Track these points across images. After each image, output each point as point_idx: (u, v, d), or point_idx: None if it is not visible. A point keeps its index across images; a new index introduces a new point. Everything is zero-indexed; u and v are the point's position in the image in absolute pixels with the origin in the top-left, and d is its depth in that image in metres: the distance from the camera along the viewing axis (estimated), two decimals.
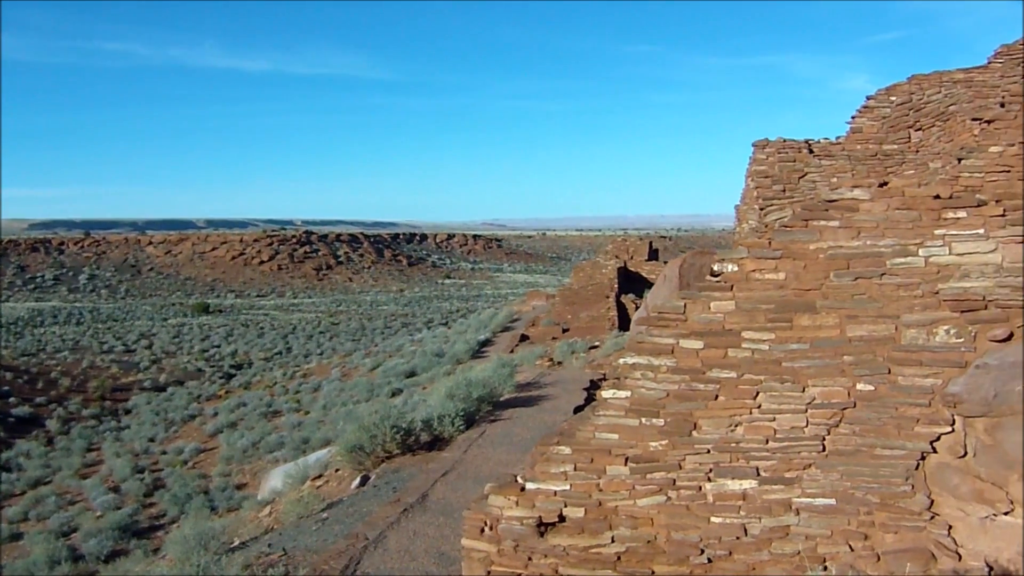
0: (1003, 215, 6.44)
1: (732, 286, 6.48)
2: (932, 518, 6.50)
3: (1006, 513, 6.55)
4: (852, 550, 6.56)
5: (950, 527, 6.54)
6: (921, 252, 6.42)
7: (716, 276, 6.52)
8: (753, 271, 6.46)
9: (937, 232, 6.42)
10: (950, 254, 6.44)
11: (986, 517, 6.59)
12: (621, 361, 6.63)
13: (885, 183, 6.31)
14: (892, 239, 6.41)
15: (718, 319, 6.47)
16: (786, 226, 6.53)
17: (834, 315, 6.43)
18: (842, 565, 6.58)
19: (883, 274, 6.42)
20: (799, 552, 6.58)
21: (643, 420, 6.58)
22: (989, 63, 10.47)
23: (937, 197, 6.41)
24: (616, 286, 31.47)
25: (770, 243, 6.47)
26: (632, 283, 31.59)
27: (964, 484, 6.55)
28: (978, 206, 6.42)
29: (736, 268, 6.47)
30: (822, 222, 6.46)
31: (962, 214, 6.42)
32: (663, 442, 6.56)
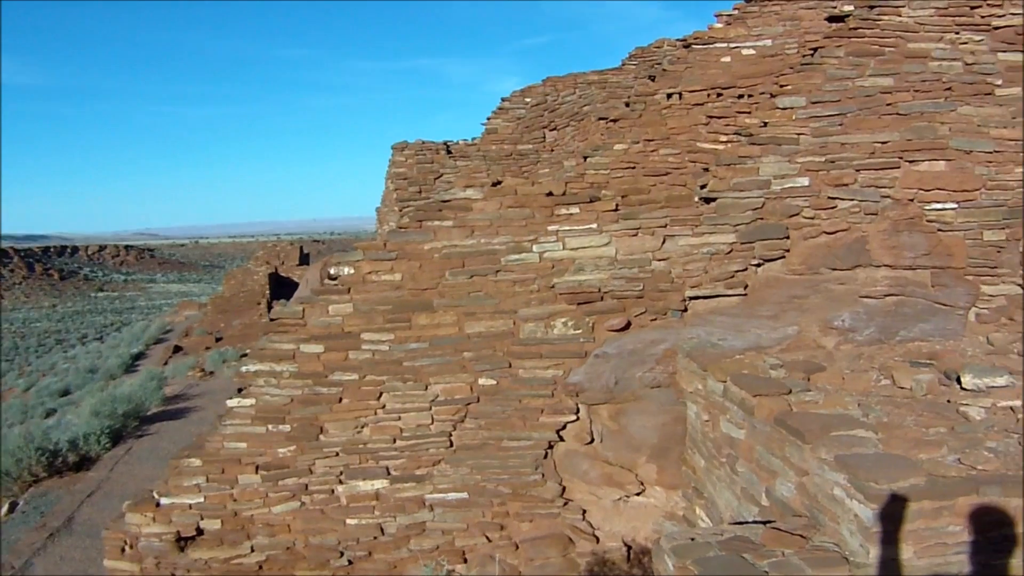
0: (616, 209, 6.24)
1: (349, 288, 6.18)
2: (566, 504, 6.40)
3: (637, 494, 6.55)
4: (490, 541, 6.38)
5: (584, 511, 6.49)
6: (535, 248, 6.27)
7: (334, 279, 6.10)
8: (370, 273, 6.14)
9: (550, 228, 6.24)
10: (564, 249, 6.28)
11: (619, 499, 6.52)
12: (243, 369, 6.21)
13: (499, 182, 5.99)
14: (506, 236, 6.21)
15: (337, 322, 6.17)
16: (401, 227, 6.19)
17: (452, 313, 6.19)
18: (482, 556, 6.30)
19: (498, 271, 6.24)
20: (437, 547, 6.30)
21: (270, 427, 6.28)
22: (623, 64, 10.41)
23: (550, 194, 6.21)
24: (268, 292, 30.36)
25: (385, 244, 6.18)
26: (284, 288, 30.41)
27: (593, 469, 6.43)
28: (590, 202, 6.24)
29: (353, 271, 6.16)
30: (436, 222, 6.17)
31: (575, 210, 6.25)
32: (291, 448, 6.24)
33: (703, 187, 6.54)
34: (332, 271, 6.37)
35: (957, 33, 6.72)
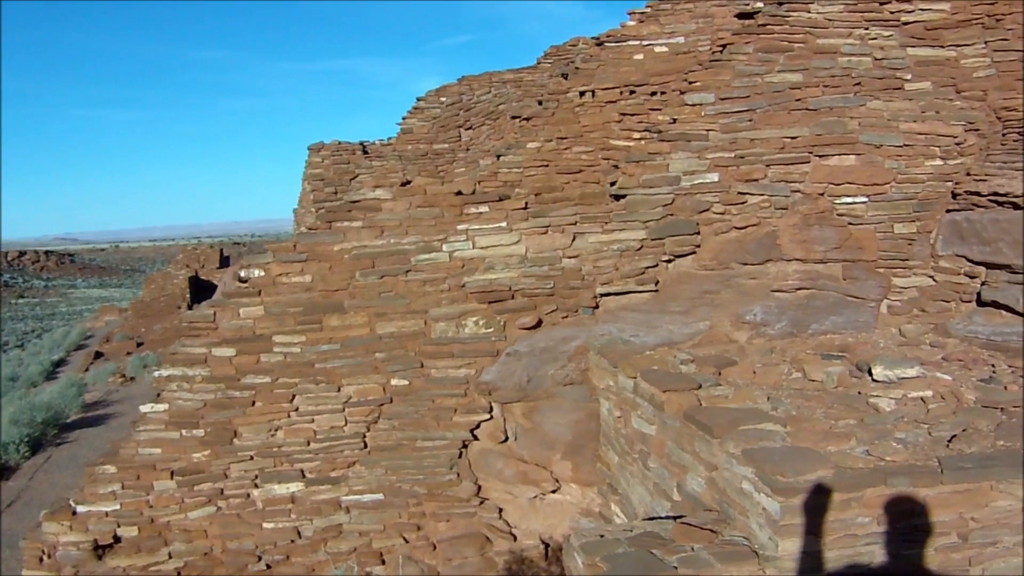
0: (525, 208, 6.19)
1: (260, 291, 6.15)
2: (482, 503, 6.41)
3: (553, 491, 6.55)
4: (407, 542, 6.35)
5: (501, 510, 6.51)
6: (445, 247, 6.28)
7: (244, 282, 6.05)
8: (280, 275, 6.13)
9: (460, 227, 6.25)
10: (474, 248, 6.30)
11: (535, 497, 6.51)
12: (156, 374, 6.15)
13: (408, 182, 5.94)
14: (416, 236, 6.20)
15: (248, 325, 6.16)
16: (311, 228, 6.12)
17: (363, 314, 6.18)
18: (400, 557, 6.21)
19: (408, 271, 6.22)
20: (355, 549, 6.24)
21: (183, 432, 6.25)
22: (539, 63, 10.40)
23: (459, 193, 6.19)
24: (188, 296, 29.69)
25: (295, 246, 6.15)
26: (205, 292, 29.44)
27: (508, 467, 6.43)
28: (499, 200, 6.20)
29: (263, 273, 6.15)
30: (346, 223, 6.17)
31: (484, 209, 6.27)
32: (206, 452, 6.22)
33: (613, 184, 6.50)
34: (242, 274, 6.33)
35: (866, 29, 6.75)
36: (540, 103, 7.79)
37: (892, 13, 6.71)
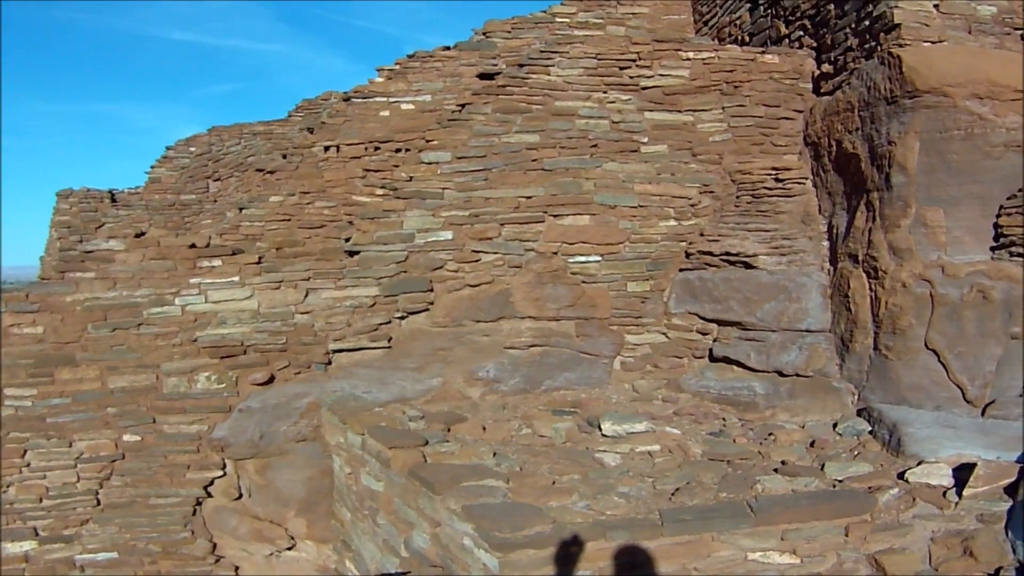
0: (259, 262, 6.24)
1: None
2: (218, 561, 6.55)
3: (289, 548, 6.54)
4: None
5: (237, 568, 6.61)
6: (177, 301, 6.55)
7: None
8: (12, 326, 6.33)
9: (193, 281, 6.46)
10: (206, 302, 6.51)
11: (271, 554, 6.58)
12: None
13: (142, 233, 5.98)
14: (148, 289, 6.45)
15: None
16: (43, 279, 6.11)
17: (95, 367, 6.38)
18: None
19: (141, 324, 6.45)
20: None
21: None
22: (290, 116, 10.59)
23: (193, 246, 6.23)
24: None
25: (27, 296, 6.31)
26: None
27: (243, 525, 6.47)
28: (233, 254, 6.31)
29: None
30: (78, 273, 6.38)
31: (217, 263, 6.42)
32: None
33: (348, 240, 6.53)
34: None
35: (605, 92, 6.97)
36: (284, 156, 7.89)
37: (631, 78, 6.93)
